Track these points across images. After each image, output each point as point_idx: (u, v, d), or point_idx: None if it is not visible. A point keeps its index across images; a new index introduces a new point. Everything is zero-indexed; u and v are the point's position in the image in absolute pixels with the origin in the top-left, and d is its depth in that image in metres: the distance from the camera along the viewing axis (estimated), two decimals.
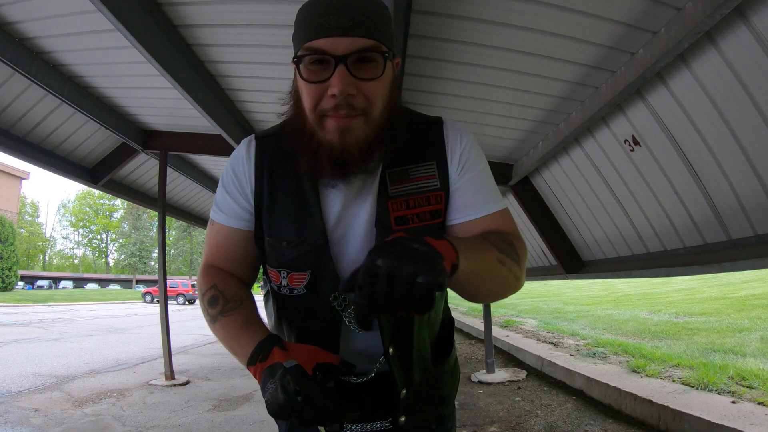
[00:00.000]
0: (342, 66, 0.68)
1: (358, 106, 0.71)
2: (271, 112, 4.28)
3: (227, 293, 0.82)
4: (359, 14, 0.69)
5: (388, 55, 0.73)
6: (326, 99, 0.70)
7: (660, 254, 3.43)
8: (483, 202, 0.82)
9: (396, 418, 0.84)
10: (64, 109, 4.04)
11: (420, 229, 0.79)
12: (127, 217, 50.12)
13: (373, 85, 0.71)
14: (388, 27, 0.75)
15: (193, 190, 7.31)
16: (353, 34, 0.69)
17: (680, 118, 2.51)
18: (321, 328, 0.82)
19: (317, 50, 0.70)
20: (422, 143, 0.83)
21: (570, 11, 2.18)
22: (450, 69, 2.86)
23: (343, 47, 0.68)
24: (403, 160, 0.81)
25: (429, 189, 0.80)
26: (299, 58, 0.72)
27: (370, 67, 0.71)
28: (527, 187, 4.53)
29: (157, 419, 3.73)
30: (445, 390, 0.95)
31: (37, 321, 12.32)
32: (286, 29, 2.66)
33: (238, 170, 0.84)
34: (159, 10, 2.56)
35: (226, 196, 0.85)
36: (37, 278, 40.51)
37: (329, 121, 0.72)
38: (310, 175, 0.78)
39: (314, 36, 0.70)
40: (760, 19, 1.85)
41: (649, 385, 3.77)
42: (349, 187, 0.79)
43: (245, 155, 0.85)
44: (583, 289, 16.66)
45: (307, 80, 0.71)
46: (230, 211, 0.85)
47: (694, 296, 9.99)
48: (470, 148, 0.84)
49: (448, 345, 0.94)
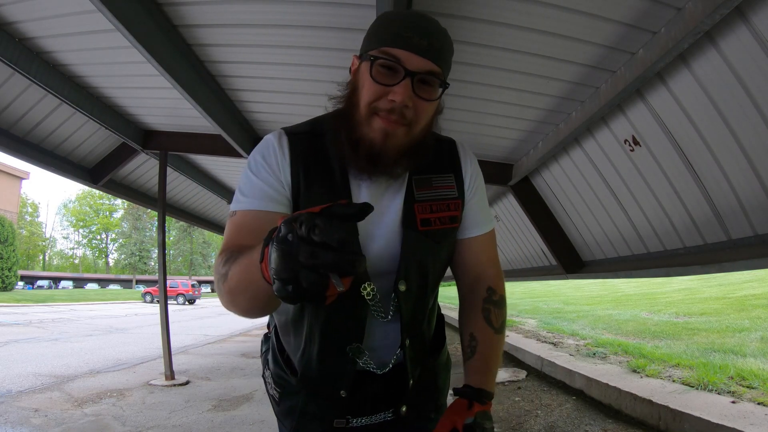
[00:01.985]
0: (409, 80, 0.76)
1: (407, 117, 0.78)
2: (271, 111, 4.27)
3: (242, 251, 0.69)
4: (437, 41, 0.79)
5: (445, 84, 0.82)
6: (384, 101, 0.77)
7: (660, 254, 3.43)
8: (485, 221, 0.97)
9: (398, 408, 0.92)
10: (64, 109, 4.04)
11: (440, 231, 0.89)
12: (127, 217, 50.12)
13: (426, 105, 0.80)
14: (450, 61, 0.84)
15: (193, 190, 7.30)
16: (427, 56, 0.77)
17: (680, 118, 2.51)
18: (347, 318, 0.86)
19: (395, 57, 0.76)
20: (442, 157, 0.94)
21: (570, 11, 2.18)
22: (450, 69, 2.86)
23: (416, 64, 0.77)
24: (427, 170, 0.91)
25: (449, 197, 0.91)
26: (374, 58, 0.78)
27: (429, 90, 0.79)
28: (527, 187, 4.53)
29: (157, 419, 3.73)
30: (441, 381, 1.05)
31: (37, 321, 12.32)
32: (287, 29, 2.66)
33: (270, 159, 0.84)
34: (159, 10, 2.55)
35: (257, 181, 0.82)
36: (37, 278, 40.54)
37: (377, 121, 0.78)
38: (343, 162, 0.84)
39: (396, 45, 0.77)
40: (760, 19, 1.85)
41: (649, 385, 3.77)
42: (376, 187, 0.86)
43: (277, 146, 0.85)
44: (583, 289, 16.67)
45: (375, 80, 0.77)
46: (262, 195, 0.81)
47: (694, 296, 9.99)
48: (478, 170, 0.98)
49: (441, 338, 1.05)
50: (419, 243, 0.87)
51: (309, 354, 0.89)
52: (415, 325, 0.91)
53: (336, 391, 0.88)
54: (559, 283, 18.91)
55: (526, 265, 6.35)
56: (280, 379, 0.96)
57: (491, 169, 4.32)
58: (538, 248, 5.47)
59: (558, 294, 15.71)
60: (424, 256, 0.88)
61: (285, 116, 3.83)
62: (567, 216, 4.41)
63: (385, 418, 0.91)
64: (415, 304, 0.89)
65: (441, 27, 0.81)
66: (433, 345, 1.03)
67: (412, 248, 0.86)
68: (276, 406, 0.99)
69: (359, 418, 0.90)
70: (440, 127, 0.91)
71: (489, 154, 4.21)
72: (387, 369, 0.89)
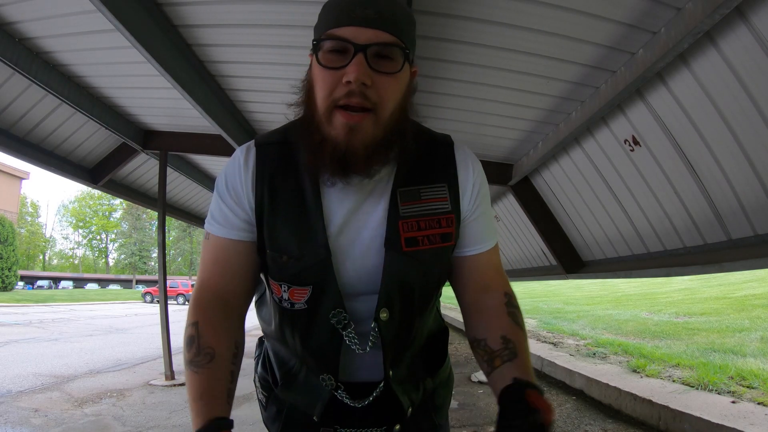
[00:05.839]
0: (361, 54, 0.67)
1: (371, 98, 0.69)
2: (271, 111, 4.27)
3: (203, 340, 0.75)
4: (386, 9, 0.69)
5: (408, 55, 0.71)
6: (340, 87, 0.68)
7: (660, 254, 3.43)
8: (489, 236, 0.85)
9: (391, 426, 0.85)
10: (64, 109, 4.04)
11: (430, 251, 0.78)
12: (127, 217, 50.13)
13: (388, 80, 0.70)
14: (412, 31, 0.75)
15: (193, 190, 7.31)
16: (377, 27, 0.68)
17: (680, 118, 2.51)
18: (322, 343, 0.80)
19: (339, 37, 0.68)
20: (433, 164, 0.82)
21: (570, 11, 2.18)
22: (450, 69, 2.86)
23: (365, 37, 0.68)
24: (415, 180, 0.79)
25: (440, 211, 0.79)
26: (318, 44, 0.71)
27: (388, 63, 0.70)
28: (527, 187, 4.53)
29: (157, 419, 3.73)
30: (439, 399, 0.95)
31: (37, 321, 12.32)
32: (287, 29, 2.66)
33: (235, 180, 0.80)
34: (159, 10, 2.56)
35: (223, 207, 0.80)
36: (37, 278, 40.50)
37: (338, 117, 0.70)
38: (310, 170, 0.76)
39: (338, 24, 0.69)
40: (760, 19, 1.85)
41: (649, 385, 3.77)
42: (352, 196, 0.77)
43: (242, 164, 0.80)
44: (583, 289, 16.67)
45: (324, 65, 0.70)
46: (227, 223, 0.80)
47: (694, 296, 9.99)
48: (482, 179, 0.85)
49: (441, 355, 0.95)
50: (403, 266, 0.76)
51: (287, 369, 0.88)
52: (401, 354, 0.83)
53: (310, 415, 0.84)
54: (559, 283, 18.90)
55: (526, 265, 6.35)
56: (267, 383, 0.94)
57: (491, 169, 4.32)
58: (538, 248, 5.47)
59: (558, 294, 15.71)
60: (410, 281, 0.78)
61: (285, 116, 3.82)
62: (567, 216, 4.41)
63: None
64: (400, 333, 0.80)
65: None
66: (432, 362, 0.92)
67: (395, 272, 0.76)
68: (264, 411, 0.96)
69: (347, 429, 0.84)
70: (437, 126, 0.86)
71: (489, 154, 4.21)
72: (366, 402, 0.81)
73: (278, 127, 0.87)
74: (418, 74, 0.80)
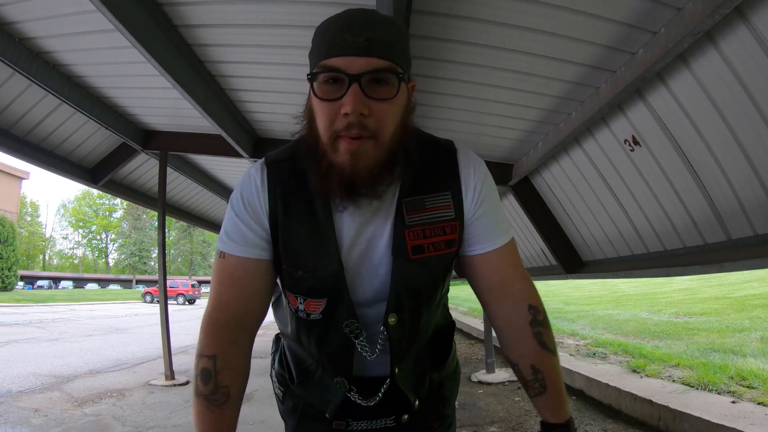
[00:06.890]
0: (356, 85, 0.68)
1: (370, 127, 0.70)
2: (271, 111, 4.28)
3: (221, 377, 0.79)
4: (377, 34, 0.69)
5: (403, 77, 0.72)
6: (339, 119, 0.70)
7: (660, 254, 3.43)
8: (498, 234, 0.86)
9: (399, 416, 0.90)
10: (64, 109, 4.04)
11: (435, 258, 0.81)
12: (127, 217, 50.12)
13: (386, 107, 0.71)
14: (405, 49, 0.75)
15: (193, 190, 7.31)
16: (369, 54, 0.69)
17: (680, 118, 2.51)
18: (336, 350, 0.85)
19: (332, 68, 0.69)
20: (437, 172, 0.83)
21: (570, 11, 2.18)
22: (450, 69, 2.86)
23: (358, 67, 0.68)
24: (419, 190, 0.81)
25: (444, 219, 0.81)
26: (314, 76, 0.72)
27: (384, 89, 0.71)
28: (527, 187, 4.53)
29: (157, 419, 3.73)
30: (447, 391, 1.01)
31: (37, 321, 12.32)
32: (286, 29, 2.66)
33: (252, 197, 0.81)
34: (159, 10, 2.56)
35: (241, 225, 0.81)
36: (37, 278, 40.52)
37: (342, 144, 0.71)
38: (320, 195, 0.78)
39: (330, 54, 0.70)
40: (760, 19, 1.85)
41: (649, 385, 3.77)
42: (361, 212, 0.79)
43: (258, 182, 0.82)
44: (583, 289, 16.66)
45: (321, 98, 0.71)
46: (245, 241, 0.80)
47: (694, 296, 9.98)
48: (484, 180, 0.86)
49: (447, 348, 0.99)
50: (410, 273, 0.80)
51: (304, 368, 0.93)
52: (408, 353, 0.88)
53: (323, 411, 0.89)
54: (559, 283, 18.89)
55: (526, 265, 6.20)
56: (283, 378, 0.99)
57: (491, 169, 4.15)
58: (538, 248, 5.47)
59: (558, 294, 15.70)
60: (417, 286, 0.82)
61: (285, 116, 3.83)
62: (567, 216, 4.41)
63: (387, 424, 0.91)
64: (408, 334, 0.85)
65: (381, 17, 0.73)
66: (439, 356, 0.96)
67: (403, 279, 0.80)
68: (280, 405, 1.02)
69: (359, 422, 0.90)
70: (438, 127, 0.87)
71: (489, 154, 4.21)
72: (375, 401, 0.86)
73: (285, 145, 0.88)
74: (418, 78, 0.82)
